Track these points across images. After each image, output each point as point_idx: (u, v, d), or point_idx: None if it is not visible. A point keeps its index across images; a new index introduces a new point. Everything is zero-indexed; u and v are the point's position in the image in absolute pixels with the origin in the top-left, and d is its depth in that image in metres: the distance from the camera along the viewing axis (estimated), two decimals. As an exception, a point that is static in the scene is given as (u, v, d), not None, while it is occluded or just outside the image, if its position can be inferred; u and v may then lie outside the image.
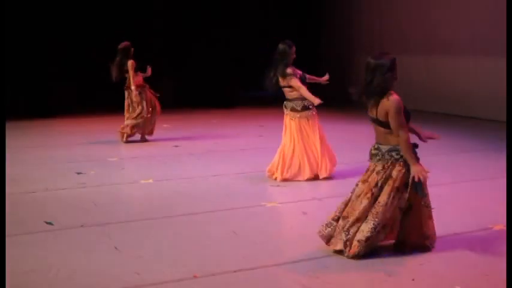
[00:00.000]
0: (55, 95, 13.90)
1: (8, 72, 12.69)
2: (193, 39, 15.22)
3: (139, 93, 9.76)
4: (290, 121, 7.22)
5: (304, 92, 7.09)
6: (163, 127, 11.83)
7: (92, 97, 14.34)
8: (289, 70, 7.08)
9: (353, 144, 9.21)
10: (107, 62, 9.92)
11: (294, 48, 7.14)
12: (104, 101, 13.72)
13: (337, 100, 14.85)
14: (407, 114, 4.59)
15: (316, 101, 7.01)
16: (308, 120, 7.17)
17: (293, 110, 7.19)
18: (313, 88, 7.30)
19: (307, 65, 7.36)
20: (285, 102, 7.27)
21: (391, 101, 4.48)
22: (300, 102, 7.15)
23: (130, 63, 9.61)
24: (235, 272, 4.43)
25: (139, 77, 9.82)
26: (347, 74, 15.76)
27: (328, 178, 7.19)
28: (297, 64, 7.28)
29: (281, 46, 7.13)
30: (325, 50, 16.18)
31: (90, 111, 13.70)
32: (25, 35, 13.40)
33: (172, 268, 4.51)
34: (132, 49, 9.71)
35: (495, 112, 11.87)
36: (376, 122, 4.61)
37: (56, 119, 12.99)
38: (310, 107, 7.15)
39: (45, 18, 13.65)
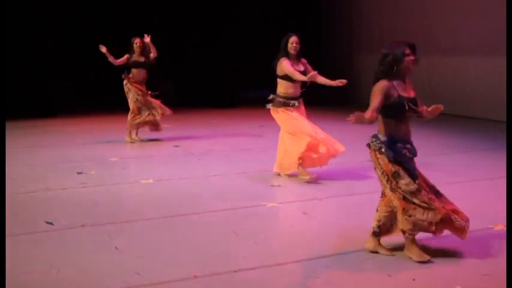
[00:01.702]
0: (55, 95, 13.90)
1: (8, 72, 12.68)
2: (194, 39, 15.21)
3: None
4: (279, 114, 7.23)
5: (294, 75, 6.97)
6: (164, 127, 11.80)
7: (92, 97, 14.35)
8: (281, 59, 7.03)
9: (352, 144, 9.18)
10: (107, 62, 9.91)
11: (292, 39, 7.01)
12: (104, 101, 13.75)
13: (338, 100, 14.89)
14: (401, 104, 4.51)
15: (304, 77, 6.90)
16: (284, 112, 7.16)
17: (274, 105, 7.20)
18: (315, 87, 7.27)
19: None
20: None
21: (376, 85, 4.51)
22: (281, 99, 7.14)
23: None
24: (235, 272, 4.43)
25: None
26: (347, 74, 15.75)
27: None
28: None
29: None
30: (325, 51, 16.17)
31: (90, 111, 13.70)
32: (25, 35, 13.39)
33: (172, 268, 4.51)
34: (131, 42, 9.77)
35: (495, 112, 11.86)
36: None
37: (56, 119, 12.98)
38: (291, 104, 7.12)
39: (46, 19, 13.64)
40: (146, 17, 14.55)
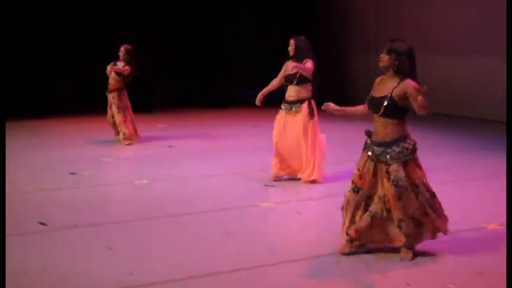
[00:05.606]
0: (55, 95, 13.89)
1: (8, 72, 12.68)
2: (190, 40, 15.19)
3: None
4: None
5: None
6: (158, 127, 11.76)
7: (92, 97, 14.30)
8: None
9: (348, 143, 9.17)
10: (107, 62, 9.88)
11: (290, 41, 7.03)
12: (104, 101, 13.69)
13: (336, 100, 14.86)
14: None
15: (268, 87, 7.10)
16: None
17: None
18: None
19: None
20: None
21: None
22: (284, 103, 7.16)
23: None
24: (229, 272, 4.43)
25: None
26: (342, 74, 15.74)
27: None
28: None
29: None
30: (322, 50, 16.12)
31: (90, 111, 13.67)
32: (25, 34, 13.38)
33: (166, 268, 4.50)
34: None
35: (495, 112, 11.83)
36: None
37: (56, 119, 12.95)
38: (284, 108, 7.07)
39: (45, 18, 13.63)
40: (145, 17, 14.55)
